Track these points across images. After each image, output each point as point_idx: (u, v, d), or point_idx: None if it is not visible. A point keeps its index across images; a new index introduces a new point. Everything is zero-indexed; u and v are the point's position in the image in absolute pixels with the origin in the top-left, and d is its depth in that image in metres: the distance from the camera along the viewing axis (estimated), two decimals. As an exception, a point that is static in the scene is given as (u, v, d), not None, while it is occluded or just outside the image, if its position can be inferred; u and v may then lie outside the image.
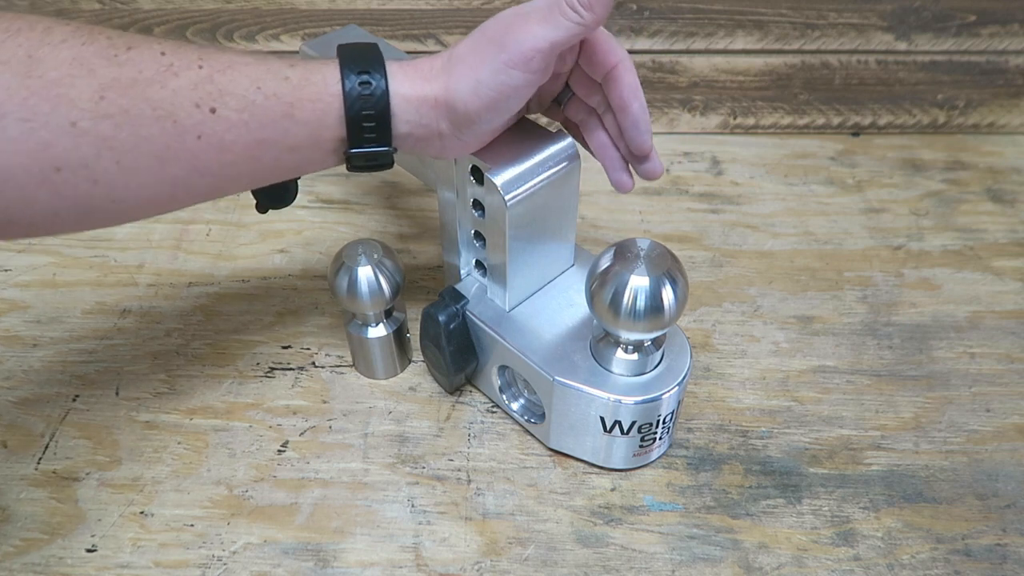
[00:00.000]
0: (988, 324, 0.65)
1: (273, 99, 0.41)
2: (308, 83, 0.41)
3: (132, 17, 0.74)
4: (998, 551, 0.51)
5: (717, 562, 0.51)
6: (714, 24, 0.77)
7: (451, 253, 0.57)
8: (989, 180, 0.80)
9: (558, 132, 0.51)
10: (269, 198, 0.53)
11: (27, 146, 0.36)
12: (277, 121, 0.41)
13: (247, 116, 0.40)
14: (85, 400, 0.59)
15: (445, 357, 0.55)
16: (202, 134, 0.39)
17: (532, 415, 0.56)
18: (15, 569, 0.50)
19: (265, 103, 0.40)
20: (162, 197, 0.41)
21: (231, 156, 0.41)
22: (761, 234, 0.73)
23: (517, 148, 0.49)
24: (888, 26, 0.77)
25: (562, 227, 0.54)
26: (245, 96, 0.40)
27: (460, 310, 0.54)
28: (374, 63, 0.42)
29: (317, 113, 0.42)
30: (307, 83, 0.41)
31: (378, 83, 0.42)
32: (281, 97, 0.41)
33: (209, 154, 0.40)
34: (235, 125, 0.40)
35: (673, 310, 0.47)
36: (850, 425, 0.58)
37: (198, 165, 0.40)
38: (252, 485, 0.54)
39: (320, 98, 0.41)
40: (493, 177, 0.47)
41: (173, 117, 0.39)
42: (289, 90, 0.41)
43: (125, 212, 0.41)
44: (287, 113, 0.41)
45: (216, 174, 0.41)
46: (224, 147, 0.40)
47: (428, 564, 0.50)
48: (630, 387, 0.50)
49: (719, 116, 0.83)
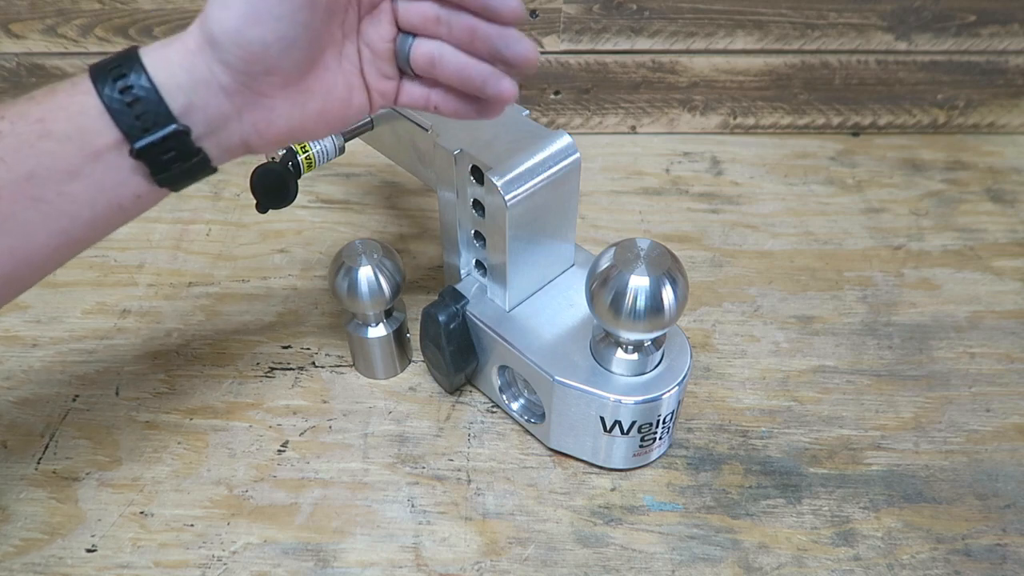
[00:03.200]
0: (988, 324, 0.65)
1: (20, 121, 0.36)
2: (54, 93, 0.37)
3: (132, 17, 0.74)
4: (998, 551, 0.51)
5: (717, 562, 0.51)
6: (714, 24, 0.77)
7: (451, 253, 0.57)
8: (989, 180, 0.80)
9: (557, 131, 0.51)
10: (269, 197, 0.53)
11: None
12: (34, 144, 0.36)
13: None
14: (85, 400, 0.59)
15: (445, 357, 0.55)
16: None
17: (532, 415, 0.56)
18: (15, 569, 0.50)
19: (12, 129, 0.36)
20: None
21: (5, 204, 0.36)
22: (761, 234, 0.73)
23: (516, 147, 0.49)
24: (888, 26, 0.77)
25: (562, 227, 0.54)
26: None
27: (460, 310, 0.54)
28: (124, 56, 0.37)
29: (74, 119, 0.36)
30: (53, 93, 0.37)
31: (128, 60, 0.37)
32: (27, 116, 0.36)
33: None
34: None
35: (673, 310, 0.47)
36: (850, 425, 0.58)
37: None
38: (252, 485, 0.54)
39: (72, 101, 0.36)
40: (493, 177, 0.47)
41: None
42: (34, 106, 0.36)
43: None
44: (42, 132, 0.36)
45: (3, 232, 0.36)
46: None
47: (428, 564, 0.50)
48: (630, 387, 0.50)
49: (719, 116, 0.83)
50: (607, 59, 0.79)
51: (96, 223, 0.39)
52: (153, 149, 0.37)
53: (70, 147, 0.36)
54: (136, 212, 0.40)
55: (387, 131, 0.58)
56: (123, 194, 0.38)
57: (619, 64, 0.79)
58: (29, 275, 0.39)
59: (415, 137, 0.55)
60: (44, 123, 0.36)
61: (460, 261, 0.56)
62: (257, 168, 0.53)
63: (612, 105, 0.82)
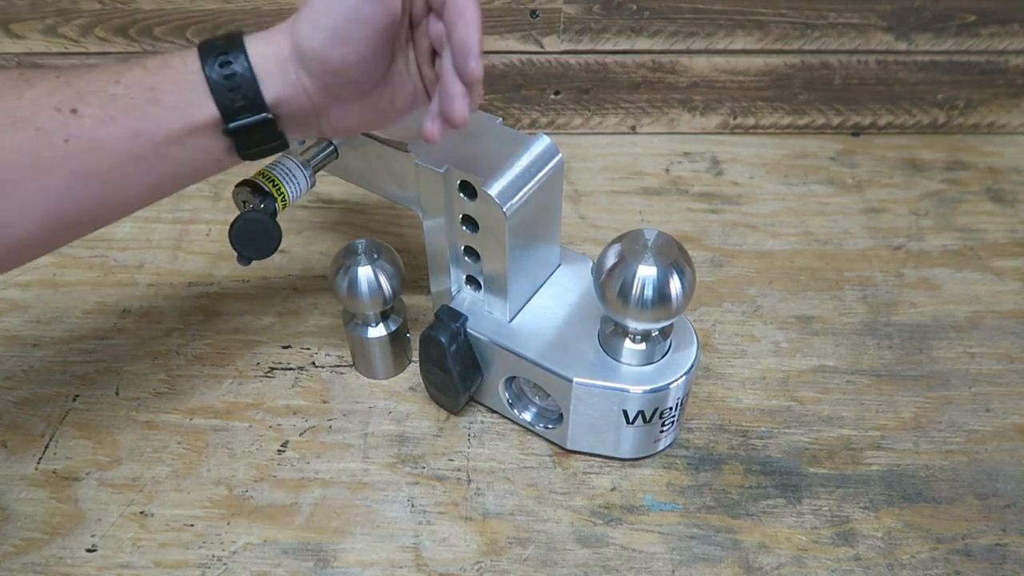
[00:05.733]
0: (988, 324, 0.65)
1: (134, 87, 0.40)
2: (167, 66, 0.41)
3: (132, 17, 0.74)
4: (998, 551, 0.51)
5: (717, 562, 0.51)
6: (714, 24, 0.77)
7: (441, 277, 0.56)
8: (989, 180, 0.80)
9: (536, 134, 0.51)
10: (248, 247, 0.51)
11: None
12: (144, 109, 0.40)
13: (112, 110, 0.39)
14: (85, 400, 0.59)
15: (453, 378, 0.54)
16: (69, 136, 0.39)
17: (547, 421, 0.56)
18: (15, 569, 0.50)
19: (126, 93, 0.40)
20: (50, 216, 0.40)
21: (109, 157, 0.40)
22: (761, 234, 0.73)
23: (499, 156, 0.49)
24: (888, 26, 0.77)
25: (551, 229, 0.54)
26: (104, 91, 0.40)
27: (461, 328, 0.54)
28: (230, 37, 0.42)
29: (183, 94, 0.41)
30: (165, 66, 0.41)
31: (235, 50, 0.41)
32: (141, 83, 0.40)
33: (84, 157, 0.39)
34: (101, 122, 0.39)
35: (680, 299, 0.47)
36: (850, 425, 0.58)
37: (77, 171, 0.40)
38: (252, 485, 0.54)
39: (181, 77, 0.41)
40: (488, 189, 0.47)
41: (35, 124, 0.38)
42: (148, 76, 0.40)
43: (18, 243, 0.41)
44: (152, 99, 0.40)
45: (101, 180, 0.40)
46: (98, 147, 0.40)
47: (428, 564, 0.50)
48: (650, 375, 0.51)
49: (719, 116, 0.83)
50: (607, 59, 0.79)
51: (179, 181, 0.44)
52: (243, 130, 0.42)
53: (174, 115, 0.40)
54: (212, 174, 0.45)
55: (354, 158, 0.57)
56: (208, 160, 0.43)
57: (619, 64, 0.79)
58: (112, 219, 0.44)
59: (389, 161, 0.54)
60: (155, 91, 0.40)
61: (450, 281, 0.56)
62: (237, 219, 0.51)
63: (612, 105, 0.82)
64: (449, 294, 0.56)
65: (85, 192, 0.41)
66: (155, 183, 0.43)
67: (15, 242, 0.40)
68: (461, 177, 0.49)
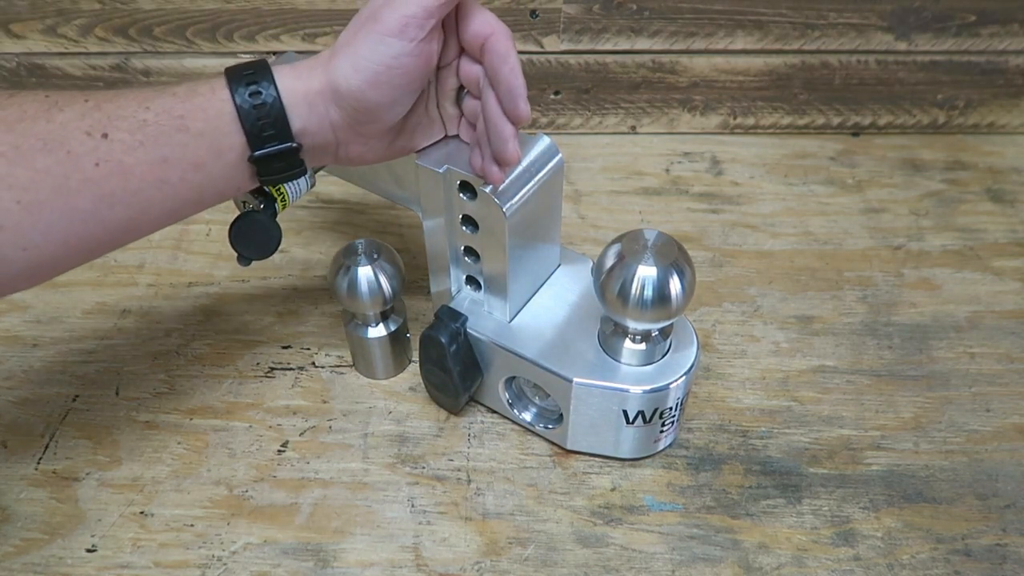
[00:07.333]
0: (988, 324, 0.65)
1: (164, 115, 0.41)
2: (195, 94, 0.42)
3: (132, 17, 0.74)
4: (998, 551, 0.51)
5: (717, 562, 0.51)
6: (714, 24, 0.77)
7: (441, 277, 0.56)
8: (989, 180, 0.80)
9: (536, 135, 0.51)
10: (248, 247, 0.52)
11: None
12: (172, 136, 0.41)
13: (141, 136, 0.40)
14: (85, 400, 0.59)
15: (454, 378, 0.54)
16: (99, 160, 0.39)
17: (547, 421, 0.56)
18: (15, 569, 0.50)
19: (156, 120, 0.40)
20: (74, 238, 0.41)
21: (136, 182, 0.41)
22: (761, 234, 0.73)
23: None
24: (888, 26, 0.77)
25: (551, 229, 0.54)
26: (135, 117, 0.40)
27: (461, 328, 0.54)
28: (258, 66, 0.43)
29: (211, 121, 0.41)
30: (194, 94, 0.42)
31: (264, 80, 0.42)
32: (171, 111, 0.41)
33: (111, 181, 0.40)
34: (131, 147, 0.40)
35: (680, 299, 0.48)
36: (850, 425, 0.58)
37: (103, 194, 0.40)
38: (252, 485, 0.54)
39: (210, 105, 0.42)
40: (487, 189, 0.47)
41: (66, 148, 0.39)
42: (177, 103, 0.41)
43: (39, 264, 0.41)
44: (181, 127, 0.41)
45: (126, 203, 0.41)
46: (126, 171, 0.40)
47: (428, 564, 0.50)
48: (650, 376, 0.51)
49: (719, 116, 0.83)
50: (607, 59, 0.79)
51: (198, 206, 0.44)
52: (267, 158, 0.43)
53: (202, 143, 0.41)
54: (230, 198, 0.46)
55: None
56: (229, 185, 0.44)
57: (619, 64, 0.79)
58: (130, 241, 0.44)
59: (389, 161, 0.54)
60: (184, 119, 0.41)
61: (450, 281, 0.56)
62: (237, 219, 0.51)
63: (612, 105, 0.82)
64: (449, 294, 0.56)
65: (110, 215, 0.41)
66: (176, 208, 0.43)
67: (38, 262, 0.41)
68: (461, 177, 0.49)
